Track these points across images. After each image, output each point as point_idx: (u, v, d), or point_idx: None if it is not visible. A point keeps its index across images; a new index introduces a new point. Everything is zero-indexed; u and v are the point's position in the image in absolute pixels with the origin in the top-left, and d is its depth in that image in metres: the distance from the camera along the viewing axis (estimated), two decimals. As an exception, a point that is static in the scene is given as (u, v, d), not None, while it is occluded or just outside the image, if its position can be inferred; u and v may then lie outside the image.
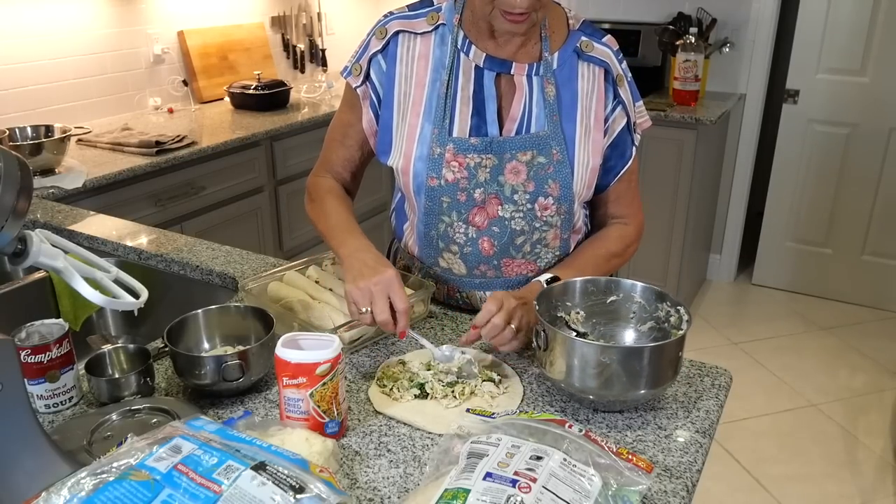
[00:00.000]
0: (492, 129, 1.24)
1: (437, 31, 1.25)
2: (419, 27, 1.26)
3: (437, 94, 1.24)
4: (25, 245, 0.91)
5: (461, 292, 1.35)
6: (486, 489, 0.75)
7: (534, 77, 1.24)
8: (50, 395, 1.02)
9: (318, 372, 0.91)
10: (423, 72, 1.25)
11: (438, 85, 1.24)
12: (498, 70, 1.24)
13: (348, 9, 4.07)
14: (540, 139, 1.23)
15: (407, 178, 1.26)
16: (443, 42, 1.25)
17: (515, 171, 1.23)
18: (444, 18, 1.25)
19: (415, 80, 1.26)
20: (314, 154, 3.48)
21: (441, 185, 1.24)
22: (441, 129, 1.23)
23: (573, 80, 1.25)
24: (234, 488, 0.70)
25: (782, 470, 2.53)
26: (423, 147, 1.24)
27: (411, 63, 1.26)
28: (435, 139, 1.23)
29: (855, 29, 3.33)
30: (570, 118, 1.25)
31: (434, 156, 1.23)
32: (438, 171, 1.23)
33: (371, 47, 1.28)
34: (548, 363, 1.02)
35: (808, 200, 3.65)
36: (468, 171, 1.23)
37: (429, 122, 1.24)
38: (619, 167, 1.31)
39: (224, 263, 1.50)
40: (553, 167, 1.23)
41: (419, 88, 1.25)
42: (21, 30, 2.60)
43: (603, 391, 0.99)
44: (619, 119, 1.28)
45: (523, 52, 1.24)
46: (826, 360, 3.20)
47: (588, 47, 1.25)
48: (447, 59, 1.24)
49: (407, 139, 1.26)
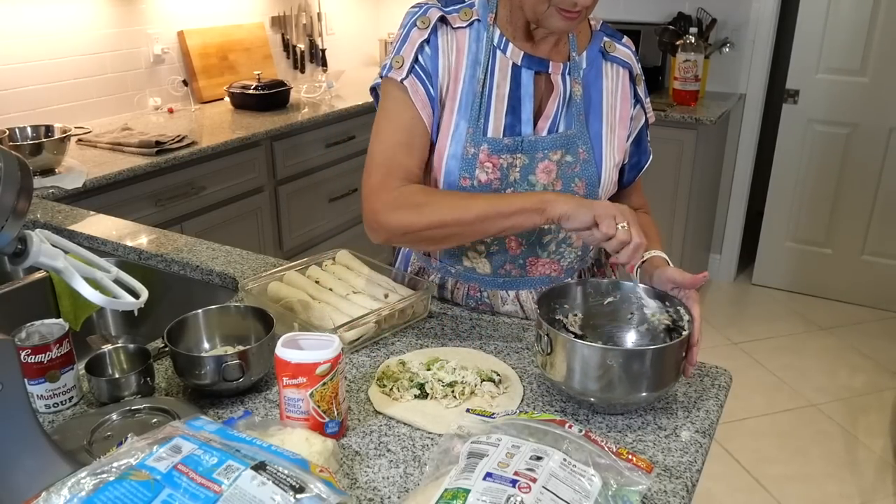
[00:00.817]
0: (526, 129, 1.23)
1: (472, 26, 1.24)
2: (454, 21, 1.24)
3: (472, 92, 1.22)
4: (25, 245, 0.91)
5: (483, 292, 1.34)
6: (486, 489, 0.75)
7: (566, 76, 1.25)
8: (50, 395, 1.02)
9: (318, 372, 0.91)
10: (460, 66, 1.23)
11: (474, 82, 1.23)
12: (536, 69, 1.24)
13: (348, 9, 4.07)
14: (568, 138, 1.24)
15: (438, 175, 1.24)
16: (478, 38, 1.23)
17: (547, 170, 1.23)
18: (478, 14, 1.24)
19: (452, 73, 1.23)
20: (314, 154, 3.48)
21: (474, 186, 1.22)
22: (476, 129, 1.22)
23: (599, 80, 1.27)
24: (235, 488, 0.70)
25: (782, 470, 2.53)
26: (457, 145, 1.22)
27: (451, 55, 1.23)
28: (469, 138, 1.21)
29: (855, 29, 3.33)
30: (596, 117, 1.26)
31: (468, 156, 1.22)
32: (472, 172, 1.22)
33: (414, 38, 1.21)
34: (549, 365, 1.02)
35: (808, 200, 3.65)
36: (501, 172, 1.22)
37: (464, 120, 1.22)
38: (644, 162, 1.36)
39: (224, 263, 1.50)
40: (580, 166, 1.24)
41: (455, 83, 1.23)
42: (21, 30, 2.60)
43: (604, 394, 0.99)
44: (639, 117, 1.32)
45: (556, 51, 1.25)
46: (826, 360, 3.20)
47: (611, 48, 1.28)
48: (482, 56, 1.23)
49: (440, 135, 1.24)
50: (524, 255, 1.28)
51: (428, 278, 1.37)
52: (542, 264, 1.30)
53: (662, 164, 3.23)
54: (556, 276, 1.32)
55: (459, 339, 1.23)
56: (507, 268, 1.30)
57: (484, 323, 1.28)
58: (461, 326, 1.27)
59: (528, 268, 1.30)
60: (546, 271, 1.32)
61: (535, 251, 1.28)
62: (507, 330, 1.26)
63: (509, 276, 1.31)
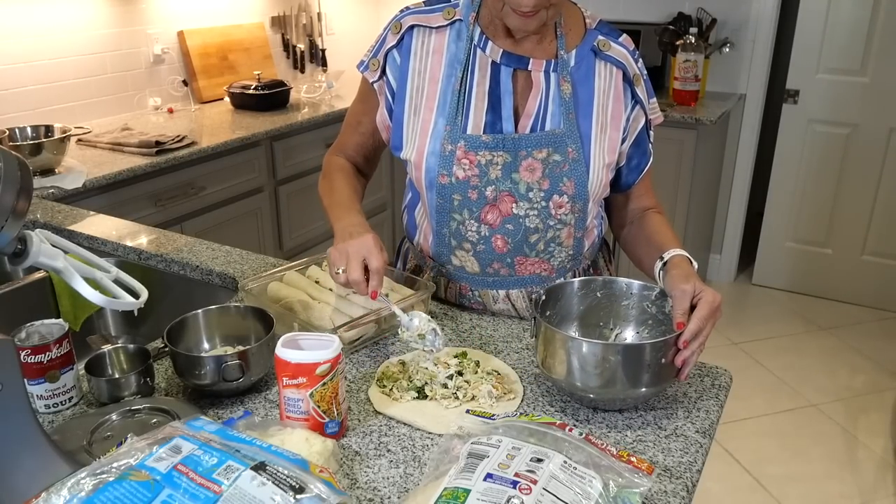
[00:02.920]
0: (507, 126, 1.24)
1: (454, 26, 1.26)
2: (435, 21, 1.26)
3: (451, 90, 1.24)
4: (25, 245, 0.91)
5: (474, 291, 1.34)
6: (487, 490, 0.75)
7: (551, 74, 1.24)
8: (50, 395, 1.02)
9: (318, 372, 0.91)
10: (437, 66, 1.26)
11: (453, 80, 1.24)
12: (515, 66, 1.24)
13: (348, 9, 4.07)
14: (556, 137, 1.23)
15: (419, 173, 1.27)
16: (459, 37, 1.25)
17: (531, 168, 1.23)
18: (460, 14, 1.26)
19: (429, 74, 1.26)
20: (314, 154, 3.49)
21: (452, 183, 1.24)
22: (453, 126, 1.23)
23: (590, 79, 1.26)
24: (234, 488, 0.70)
25: (782, 470, 2.53)
26: (436, 142, 1.24)
27: (425, 58, 1.27)
28: (447, 136, 1.23)
29: (855, 29, 3.33)
30: (586, 116, 1.25)
31: (445, 153, 1.23)
32: (449, 169, 1.23)
33: (387, 42, 1.29)
34: (548, 363, 1.02)
35: (808, 200, 3.65)
36: (479, 169, 1.23)
37: (442, 117, 1.25)
38: (644, 164, 1.34)
39: (224, 263, 1.50)
40: (569, 165, 1.23)
41: (433, 83, 1.26)
42: (21, 30, 2.60)
43: (604, 389, 0.99)
44: (638, 118, 1.31)
45: (539, 49, 1.24)
46: (826, 360, 3.20)
47: (605, 46, 1.26)
48: (463, 54, 1.24)
49: (420, 133, 1.26)
50: (511, 253, 1.28)
51: (422, 277, 1.37)
52: (531, 263, 1.30)
53: (662, 165, 3.23)
54: (546, 276, 1.32)
55: (459, 339, 1.23)
56: (495, 266, 1.30)
57: (484, 323, 1.28)
58: (461, 326, 1.27)
59: (517, 267, 1.30)
60: (535, 270, 1.31)
61: (523, 250, 1.28)
62: (507, 330, 1.26)
63: (498, 275, 1.31)
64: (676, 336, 1.00)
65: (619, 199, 1.38)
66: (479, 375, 1.08)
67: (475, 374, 1.08)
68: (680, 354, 1.00)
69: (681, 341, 1.00)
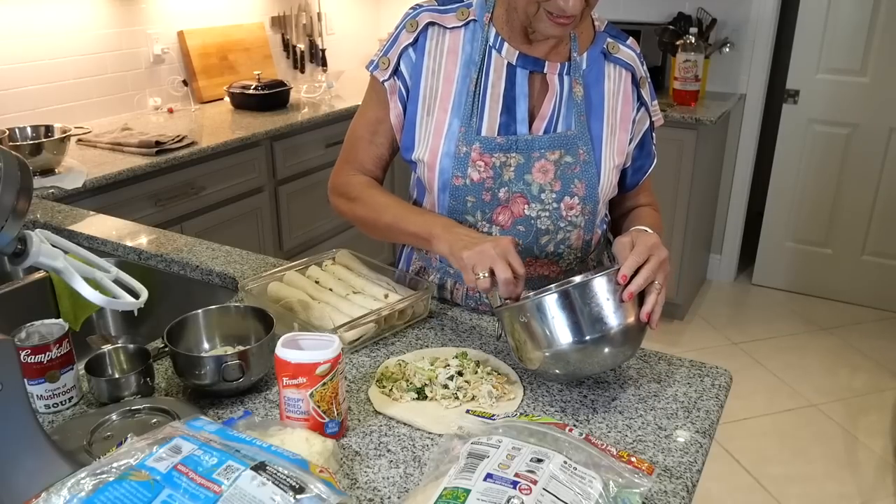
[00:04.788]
0: (521, 128, 1.24)
1: (468, 26, 1.25)
2: (449, 22, 1.25)
3: (466, 91, 1.23)
4: (25, 245, 0.91)
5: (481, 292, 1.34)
6: (487, 490, 0.75)
7: (564, 77, 1.24)
8: (50, 395, 1.02)
9: (318, 372, 0.91)
10: (452, 67, 1.24)
11: (468, 81, 1.23)
12: (531, 69, 1.24)
13: (348, 9, 4.07)
14: (567, 139, 1.23)
15: (433, 174, 1.25)
16: (473, 38, 1.24)
17: (544, 170, 1.23)
18: (475, 14, 1.25)
19: (443, 74, 1.25)
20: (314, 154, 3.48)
21: (466, 185, 1.23)
22: (468, 128, 1.22)
23: (601, 81, 1.26)
24: (234, 488, 0.70)
25: (782, 470, 2.53)
26: (451, 143, 1.23)
27: (440, 57, 1.25)
28: (462, 137, 1.22)
29: (855, 29, 3.33)
30: (597, 118, 1.26)
31: (460, 154, 1.22)
32: (464, 171, 1.23)
33: (402, 40, 1.26)
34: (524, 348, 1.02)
35: (808, 200, 3.65)
36: (493, 171, 1.22)
37: (457, 119, 1.23)
38: (647, 166, 1.36)
39: (224, 263, 1.50)
40: (580, 167, 1.24)
41: (448, 83, 1.24)
42: (21, 30, 2.60)
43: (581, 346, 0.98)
44: (643, 120, 1.32)
45: (555, 52, 1.24)
46: (826, 360, 3.20)
47: (614, 49, 1.27)
48: (478, 55, 1.23)
49: (434, 134, 1.25)
50: (521, 255, 1.28)
51: (428, 278, 1.37)
52: (541, 265, 1.30)
53: (662, 165, 3.20)
54: (555, 278, 1.31)
55: (459, 339, 1.23)
56: None
57: (484, 323, 1.28)
58: (461, 326, 1.27)
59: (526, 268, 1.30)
60: (544, 272, 1.31)
61: (533, 252, 1.28)
62: (508, 330, 1.26)
63: None
64: (612, 270, 1.01)
65: (619, 200, 1.39)
66: (480, 375, 1.08)
67: (475, 374, 1.08)
68: (627, 289, 1.00)
69: (619, 275, 1.01)
